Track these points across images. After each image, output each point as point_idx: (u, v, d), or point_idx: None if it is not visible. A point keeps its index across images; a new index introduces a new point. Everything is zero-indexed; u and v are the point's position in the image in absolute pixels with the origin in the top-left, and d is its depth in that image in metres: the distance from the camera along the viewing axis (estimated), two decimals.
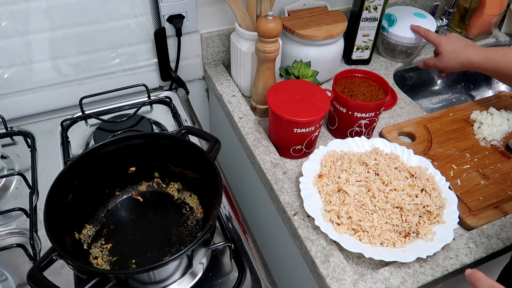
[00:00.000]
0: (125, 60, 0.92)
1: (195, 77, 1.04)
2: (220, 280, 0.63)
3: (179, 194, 0.71)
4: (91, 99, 0.88)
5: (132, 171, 0.70)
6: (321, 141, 0.85)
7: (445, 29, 1.14)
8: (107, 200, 0.69)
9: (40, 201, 0.72)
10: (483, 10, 1.09)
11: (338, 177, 0.71)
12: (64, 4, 0.79)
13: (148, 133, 0.78)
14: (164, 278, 0.57)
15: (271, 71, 0.83)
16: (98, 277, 0.50)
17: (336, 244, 0.65)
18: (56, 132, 0.86)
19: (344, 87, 0.83)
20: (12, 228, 0.69)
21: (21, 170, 0.78)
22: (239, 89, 0.95)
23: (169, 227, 0.66)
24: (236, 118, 0.87)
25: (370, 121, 0.80)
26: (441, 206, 0.68)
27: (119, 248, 0.64)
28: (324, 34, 0.89)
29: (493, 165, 0.81)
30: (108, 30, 0.86)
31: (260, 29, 0.75)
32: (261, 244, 0.95)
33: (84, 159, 0.63)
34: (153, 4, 0.86)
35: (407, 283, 0.61)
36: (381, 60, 1.08)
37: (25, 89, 0.87)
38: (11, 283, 0.61)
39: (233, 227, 0.70)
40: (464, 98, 1.23)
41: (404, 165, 0.74)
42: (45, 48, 0.83)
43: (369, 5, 0.93)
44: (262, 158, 0.78)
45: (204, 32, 0.96)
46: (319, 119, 0.74)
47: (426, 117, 0.90)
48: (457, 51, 0.85)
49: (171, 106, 0.93)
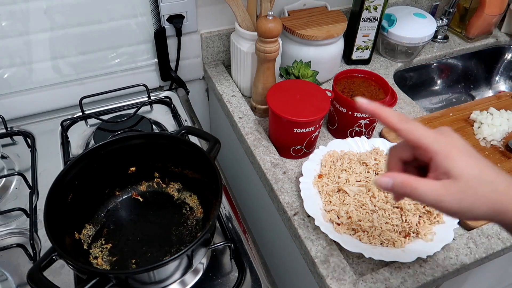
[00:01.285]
0: (125, 60, 0.92)
1: (195, 77, 1.04)
2: (220, 280, 0.63)
3: (179, 194, 0.71)
4: (91, 99, 0.88)
5: (132, 171, 0.70)
6: (321, 141, 0.85)
7: (445, 29, 1.14)
8: (107, 200, 0.69)
9: (40, 201, 0.72)
10: (483, 10, 1.09)
11: (338, 177, 0.71)
12: (64, 4, 0.79)
13: (148, 133, 0.78)
14: (164, 278, 0.57)
15: (271, 71, 0.83)
16: (98, 277, 0.50)
17: (336, 244, 0.65)
18: (56, 132, 0.86)
19: (344, 87, 0.83)
20: (12, 228, 0.69)
21: (21, 170, 0.78)
22: (239, 89, 0.95)
23: (169, 227, 0.66)
24: (236, 118, 0.87)
25: (370, 121, 0.80)
26: None
27: (119, 248, 0.64)
28: (324, 34, 0.89)
29: None
30: (108, 30, 0.86)
31: (260, 29, 0.75)
32: (261, 244, 0.95)
33: (84, 159, 0.63)
34: (153, 4, 0.86)
35: (407, 283, 0.61)
36: (381, 60, 1.08)
37: (25, 89, 0.87)
38: (11, 283, 0.61)
39: (233, 227, 0.70)
40: (464, 98, 1.23)
41: None
42: (45, 48, 0.83)
43: (369, 5, 0.93)
44: (262, 158, 0.78)
45: (204, 32, 0.96)
46: (319, 119, 0.74)
47: (426, 117, 0.90)
48: (493, 184, 0.40)
49: (171, 106, 0.93)
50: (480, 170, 0.40)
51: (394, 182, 0.41)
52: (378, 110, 0.42)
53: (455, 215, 0.41)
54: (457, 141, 0.42)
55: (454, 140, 0.42)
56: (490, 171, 0.40)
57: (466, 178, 0.39)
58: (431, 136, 0.41)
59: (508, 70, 1.22)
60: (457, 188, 0.39)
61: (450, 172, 0.39)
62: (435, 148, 0.40)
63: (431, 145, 0.41)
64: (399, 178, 0.41)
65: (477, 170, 0.40)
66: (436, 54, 1.13)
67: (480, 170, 0.40)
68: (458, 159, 0.40)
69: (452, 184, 0.39)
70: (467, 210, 0.39)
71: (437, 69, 1.17)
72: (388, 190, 0.41)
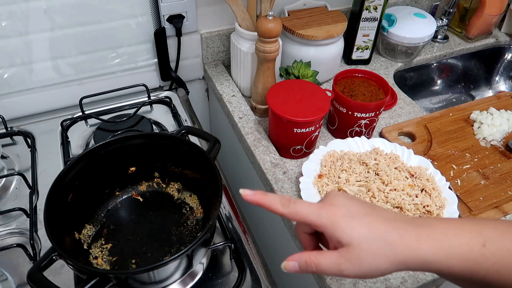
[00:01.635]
0: (125, 60, 0.92)
1: (195, 77, 1.04)
2: (220, 280, 0.63)
3: (179, 194, 0.71)
4: (91, 99, 0.88)
5: (132, 171, 0.70)
6: (321, 141, 0.85)
7: (445, 29, 1.14)
8: (107, 200, 0.69)
9: (40, 201, 0.72)
10: (483, 10, 1.09)
11: (338, 177, 0.71)
12: (64, 4, 0.79)
13: (148, 133, 0.78)
14: (164, 278, 0.57)
15: (271, 71, 0.83)
16: (98, 277, 0.50)
17: None
18: (56, 132, 0.86)
19: (344, 87, 0.83)
20: (12, 228, 0.69)
21: (21, 170, 0.78)
22: (239, 89, 0.95)
23: (169, 227, 0.66)
24: (236, 118, 0.87)
25: (370, 121, 0.80)
26: (441, 206, 0.68)
27: (119, 248, 0.64)
28: (324, 34, 0.89)
29: (493, 165, 0.81)
30: (108, 30, 0.86)
31: (260, 29, 0.75)
32: (261, 244, 0.95)
33: (84, 159, 0.63)
34: (153, 4, 0.86)
35: (407, 283, 0.61)
36: (381, 60, 1.08)
37: (25, 89, 0.87)
38: (11, 283, 0.61)
39: (233, 227, 0.70)
40: (464, 98, 1.23)
41: (404, 165, 0.74)
42: (45, 48, 0.83)
43: (369, 5, 0.93)
44: (262, 158, 0.78)
45: (204, 32, 0.96)
46: (319, 119, 0.74)
47: (426, 117, 0.90)
48: (384, 239, 0.39)
49: (171, 106, 0.93)
50: (368, 230, 0.39)
51: (299, 264, 0.41)
52: (261, 200, 0.43)
53: (362, 278, 0.41)
54: (339, 208, 0.41)
55: (336, 207, 0.41)
56: (377, 226, 0.40)
57: (357, 242, 0.39)
58: (314, 212, 0.41)
59: (508, 70, 1.22)
60: (352, 254, 0.39)
61: (341, 241, 0.40)
62: (321, 223, 0.41)
63: (316, 222, 0.41)
64: (302, 258, 0.41)
65: (365, 230, 0.39)
66: (436, 54, 1.13)
67: (368, 230, 0.39)
68: (344, 226, 0.40)
69: (347, 251, 0.39)
70: (370, 271, 0.39)
71: (437, 69, 1.17)
72: (297, 272, 0.42)
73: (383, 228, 0.39)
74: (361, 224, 0.40)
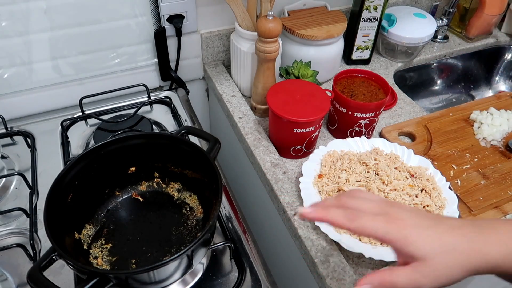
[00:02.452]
0: (125, 60, 0.92)
1: (195, 77, 1.04)
2: (220, 280, 0.63)
3: (179, 194, 0.71)
4: (91, 99, 0.88)
5: (132, 171, 0.70)
6: (321, 141, 0.85)
7: (445, 29, 1.14)
8: (107, 200, 0.69)
9: (40, 201, 0.72)
10: (483, 10, 1.09)
11: (338, 177, 0.71)
12: (64, 4, 0.79)
13: (148, 133, 0.78)
14: (164, 278, 0.57)
15: (271, 71, 0.83)
16: (98, 277, 0.50)
17: (336, 244, 0.65)
18: (56, 132, 0.86)
19: (344, 87, 0.83)
20: (12, 228, 0.69)
21: (21, 170, 0.78)
22: (239, 89, 0.95)
23: (169, 227, 0.66)
24: (236, 118, 0.87)
25: (370, 121, 0.80)
26: (441, 206, 0.68)
27: (119, 248, 0.64)
28: (324, 34, 0.89)
29: (493, 165, 0.81)
30: (108, 30, 0.86)
31: (260, 29, 0.75)
32: (261, 244, 0.95)
33: (84, 159, 0.63)
34: (153, 4, 0.86)
35: None
36: (381, 60, 1.08)
37: (25, 89, 0.87)
38: (11, 283, 0.61)
39: (233, 227, 0.70)
40: (464, 98, 1.23)
41: (404, 165, 0.74)
42: (45, 48, 0.83)
43: (369, 5, 0.93)
44: (262, 158, 0.78)
45: (204, 32, 0.96)
46: (319, 119, 0.74)
47: (426, 117, 0.90)
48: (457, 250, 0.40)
49: (171, 106, 0.93)
50: (439, 242, 0.39)
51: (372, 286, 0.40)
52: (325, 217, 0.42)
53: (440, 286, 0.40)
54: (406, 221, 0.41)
55: (403, 220, 0.41)
56: (447, 237, 0.40)
57: (431, 256, 0.39)
58: (382, 228, 0.40)
59: (508, 70, 1.22)
60: (428, 268, 0.39)
61: (414, 256, 0.39)
62: (389, 238, 0.40)
63: (385, 238, 0.40)
64: (375, 280, 0.40)
65: (437, 243, 0.39)
66: (436, 54, 1.13)
67: (439, 242, 0.39)
68: (416, 240, 0.39)
69: (422, 266, 0.39)
70: (447, 281, 0.39)
71: (437, 69, 1.17)
72: None
73: (452, 238, 0.40)
74: (432, 236, 0.40)
